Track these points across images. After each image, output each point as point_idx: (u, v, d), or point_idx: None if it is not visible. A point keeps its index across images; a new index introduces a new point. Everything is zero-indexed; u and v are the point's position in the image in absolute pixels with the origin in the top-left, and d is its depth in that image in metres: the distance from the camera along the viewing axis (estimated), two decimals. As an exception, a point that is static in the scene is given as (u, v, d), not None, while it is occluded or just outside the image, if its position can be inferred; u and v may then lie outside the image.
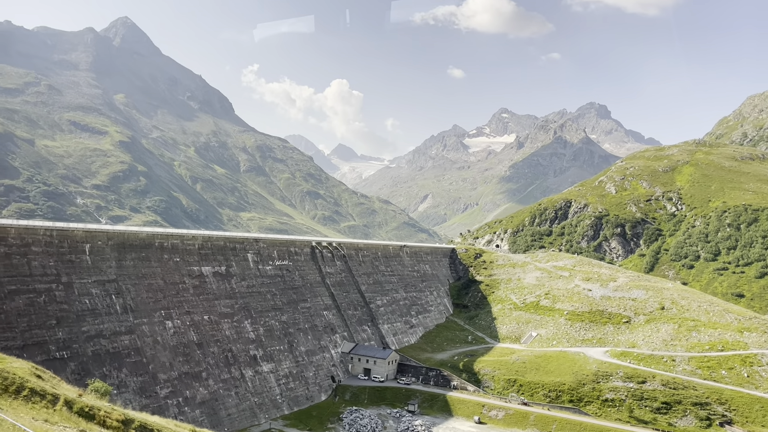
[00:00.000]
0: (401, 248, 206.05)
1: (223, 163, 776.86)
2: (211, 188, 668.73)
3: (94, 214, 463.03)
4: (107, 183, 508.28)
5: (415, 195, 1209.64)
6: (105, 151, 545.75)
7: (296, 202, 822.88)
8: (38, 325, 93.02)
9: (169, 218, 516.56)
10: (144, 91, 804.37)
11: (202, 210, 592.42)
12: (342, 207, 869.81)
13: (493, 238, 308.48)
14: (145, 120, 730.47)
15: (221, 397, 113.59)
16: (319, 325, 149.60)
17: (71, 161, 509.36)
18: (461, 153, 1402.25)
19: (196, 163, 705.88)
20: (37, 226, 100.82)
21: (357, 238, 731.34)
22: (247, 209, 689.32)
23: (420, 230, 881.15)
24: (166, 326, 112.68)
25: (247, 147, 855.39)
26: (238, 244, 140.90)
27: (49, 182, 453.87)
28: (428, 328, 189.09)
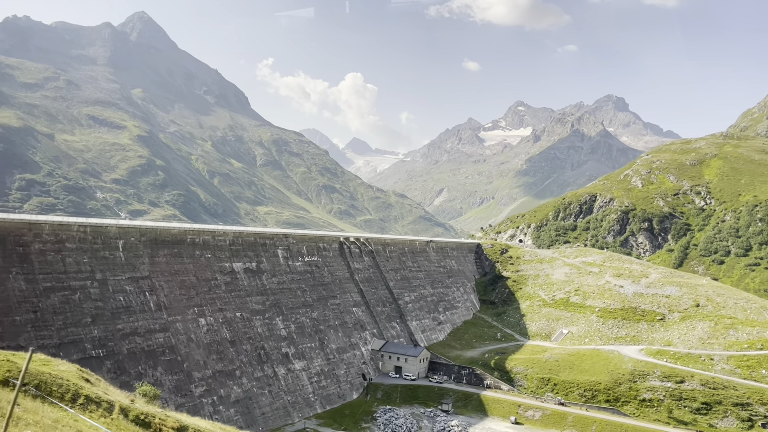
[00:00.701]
0: (427, 243, 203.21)
1: (240, 158, 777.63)
2: (229, 182, 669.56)
3: (113, 209, 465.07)
4: (126, 177, 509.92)
5: (430, 189, 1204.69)
6: (123, 146, 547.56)
7: (312, 196, 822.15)
8: (74, 323, 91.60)
9: (188, 212, 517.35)
10: (161, 86, 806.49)
11: (219, 204, 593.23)
12: (358, 201, 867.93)
13: (516, 233, 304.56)
14: (163, 114, 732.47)
15: (255, 396, 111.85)
16: (349, 321, 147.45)
17: (90, 155, 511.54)
18: (477, 146, 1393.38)
19: (213, 158, 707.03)
20: (71, 222, 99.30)
21: (373, 232, 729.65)
22: (264, 203, 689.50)
23: (436, 224, 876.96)
24: (199, 323, 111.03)
25: (263, 141, 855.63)
26: (268, 240, 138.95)
27: (69, 176, 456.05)
28: (456, 325, 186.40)
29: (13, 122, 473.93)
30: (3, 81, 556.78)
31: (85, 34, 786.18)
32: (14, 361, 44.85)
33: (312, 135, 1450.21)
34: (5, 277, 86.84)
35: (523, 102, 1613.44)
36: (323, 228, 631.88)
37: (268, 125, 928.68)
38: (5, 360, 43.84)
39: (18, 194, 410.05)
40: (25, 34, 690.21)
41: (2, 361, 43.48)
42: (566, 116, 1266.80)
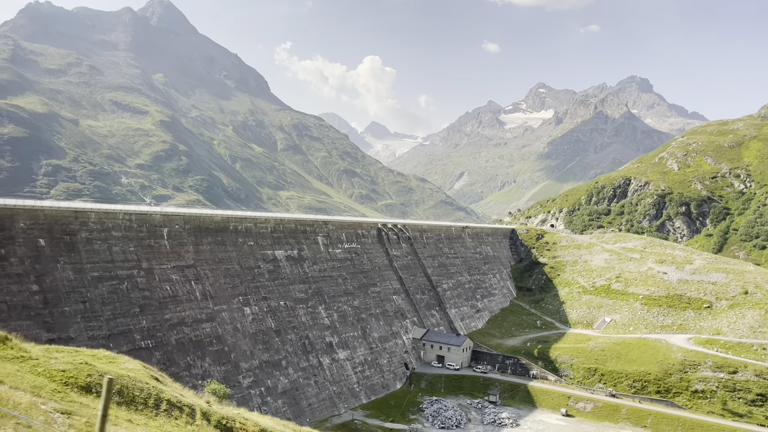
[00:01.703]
0: (463, 229, 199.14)
1: (261, 142, 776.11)
2: (250, 167, 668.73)
3: (138, 194, 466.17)
4: (150, 162, 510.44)
5: (450, 173, 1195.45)
6: (147, 131, 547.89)
7: (333, 180, 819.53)
8: (122, 313, 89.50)
9: (211, 197, 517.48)
10: (181, 71, 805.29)
11: (242, 189, 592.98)
12: (379, 185, 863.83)
13: (547, 218, 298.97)
14: (184, 99, 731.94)
15: (301, 387, 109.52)
16: (390, 310, 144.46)
17: (114, 141, 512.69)
18: (497, 129, 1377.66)
19: (235, 142, 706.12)
20: (117, 210, 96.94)
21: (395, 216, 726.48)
22: (285, 188, 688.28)
23: (457, 208, 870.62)
24: (244, 313, 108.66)
25: (284, 125, 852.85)
26: (308, 227, 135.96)
27: (94, 162, 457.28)
28: (494, 312, 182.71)
29: (38, 108, 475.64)
30: (27, 67, 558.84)
31: (107, 19, 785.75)
32: (93, 364, 41.58)
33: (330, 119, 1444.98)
34: (53, 267, 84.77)
35: (544, 84, 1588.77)
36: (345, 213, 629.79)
37: (288, 109, 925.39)
38: (84, 363, 40.59)
39: (45, 180, 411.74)
40: (47, 20, 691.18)
41: (81, 365, 40.17)
42: (589, 98, 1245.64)
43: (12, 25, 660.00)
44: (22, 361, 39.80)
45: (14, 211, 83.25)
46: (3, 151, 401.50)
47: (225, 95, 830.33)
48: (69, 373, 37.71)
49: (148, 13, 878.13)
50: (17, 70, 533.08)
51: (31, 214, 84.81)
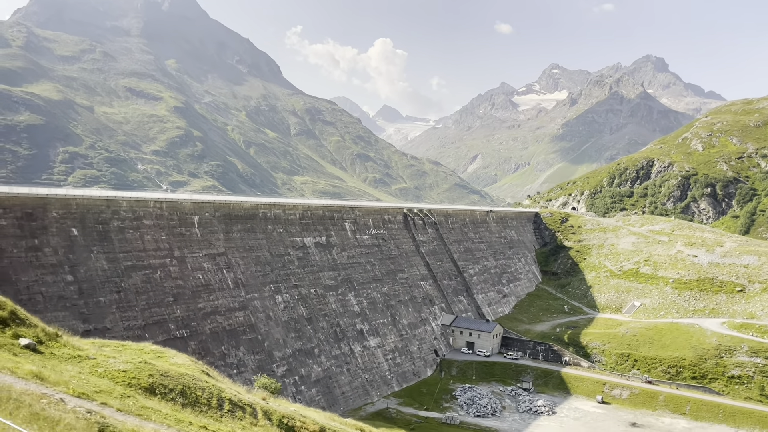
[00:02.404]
0: (488, 213, 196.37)
1: (274, 127, 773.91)
2: (264, 152, 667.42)
3: (155, 180, 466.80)
4: (165, 149, 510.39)
5: (463, 156, 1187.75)
6: (161, 117, 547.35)
7: (347, 164, 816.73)
8: (156, 302, 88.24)
9: (227, 183, 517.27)
10: (194, 56, 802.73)
11: (257, 174, 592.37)
12: (392, 169, 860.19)
13: (568, 200, 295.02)
14: (197, 85, 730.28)
15: (334, 375, 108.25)
16: (418, 296, 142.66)
17: (130, 127, 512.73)
18: (510, 111, 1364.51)
19: (248, 128, 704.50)
20: (148, 198, 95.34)
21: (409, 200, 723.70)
22: (299, 173, 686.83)
23: (471, 191, 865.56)
24: (276, 301, 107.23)
25: (297, 110, 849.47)
26: (335, 213, 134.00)
27: (110, 149, 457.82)
28: (520, 297, 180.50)
29: (53, 95, 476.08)
30: (41, 54, 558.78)
31: (118, 5, 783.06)
32: (152, 363, 39.63)
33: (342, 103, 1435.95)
34: (87, 257, 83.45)
35: (557, 65, 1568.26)
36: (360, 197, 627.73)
37: (300, 94, 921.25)
38: (143, 363, 38.72)
39: (62, 167, 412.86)
40: (60, 6, 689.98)
41: (141, 365, 38.22)
42: (604, 78, 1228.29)
43: (25, 12, 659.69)
44: (80, 360, 37.86)
45: (46, 200, 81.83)
46: (20, 139, 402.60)
47: (237, 80, 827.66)
48: (130, 373, 35.73)
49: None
50: (31, 57, 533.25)
51: (63, 203, 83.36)
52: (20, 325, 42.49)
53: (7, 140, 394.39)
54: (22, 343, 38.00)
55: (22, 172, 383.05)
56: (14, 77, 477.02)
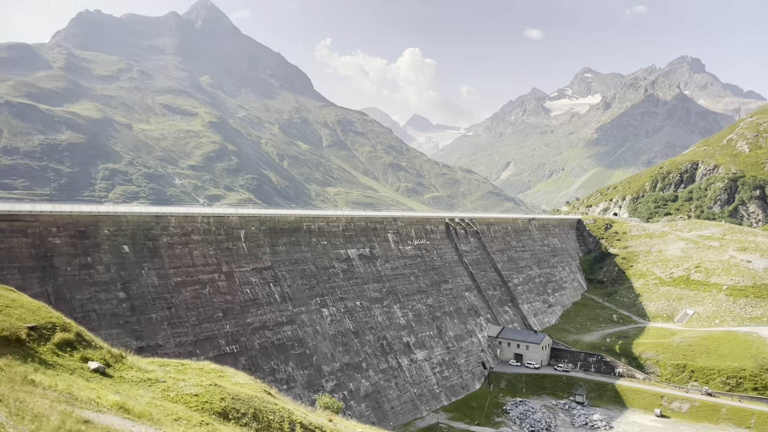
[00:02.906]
0: (530, 221, 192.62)
1: (306, 139, 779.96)
2: (298, 164, 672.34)
3: (192, 194, 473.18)
4: (201, 163, 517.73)
5: (496, 163, 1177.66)
6: (197, 132, 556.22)
7: (379, 174, 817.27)
8: (206, 318, 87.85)
9: (262, 195, 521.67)
10: (227, 72, 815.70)
11: (291, 186, 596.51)
12: (424, 178, 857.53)
13: (609, 206, 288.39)
14: (231, 100, 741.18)
15: (383, 389, 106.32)
16: (463, 307, 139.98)
17: (167, 143, 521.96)
18: (542, 117, 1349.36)
19: (281, 140, 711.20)
20: (195, 213, 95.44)
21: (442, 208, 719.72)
22: (332, 184, 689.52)
23: (505, 199, 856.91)
24: (322, 314, 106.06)
25: (328, 122, 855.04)
26: (378, 224, 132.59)
27: (148, 165, 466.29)
28: (566, 307, 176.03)
29: (94, 114, 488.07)
30: (81, 74, 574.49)
31: (153, 24, 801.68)
32: (221, 386, 38.34)
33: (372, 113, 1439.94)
34: (138, 273, 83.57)
35: (590, 68, 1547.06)
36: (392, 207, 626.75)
37: (331, 106, 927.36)
38: (213, 385, 37.44)
39: (103, 183, 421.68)
40: (98, 27, 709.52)
41: (211, 387, 36.94)
42: (638, 81, 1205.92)
43: (65, 34, 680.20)
44: (151, 384, 36.66)
45: (98, 218, 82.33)
46: (62, 157, 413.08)
47: (270, 94, 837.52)
48: (202, 397, 34.39)
49: (193, 17, 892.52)
50: (72, 77, 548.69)
51: (114, 221, 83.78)
52: (86, 347, 41.67)
53: (50, 159, 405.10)
54: (91, 366, 37.08)
55: (65, 190, 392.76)
56: (56, 98, 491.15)
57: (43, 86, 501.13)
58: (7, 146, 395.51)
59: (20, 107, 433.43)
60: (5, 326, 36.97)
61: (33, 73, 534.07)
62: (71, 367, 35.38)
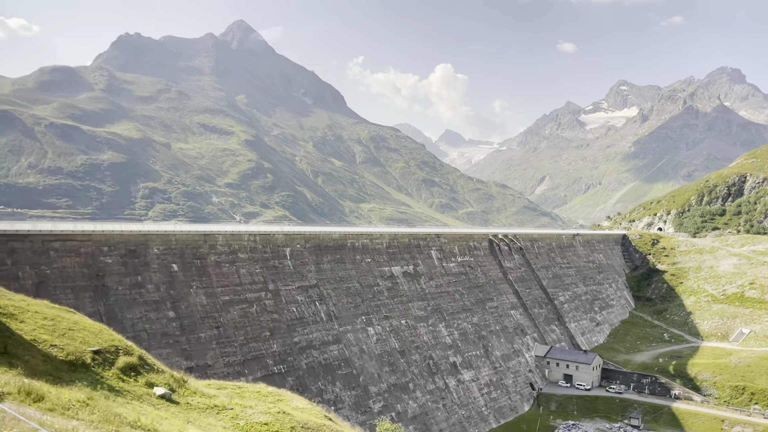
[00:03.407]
0: (574, 237, 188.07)
1: (340, 156, 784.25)
2: (332, 181, 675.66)
3: (229, 212, 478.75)
4: (238, 181, 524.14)
5: (530, 177, 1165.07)
6: (233, 151, 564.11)
7: (412, 190, 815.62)
8: (254, 337, 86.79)
9: (297, 212, 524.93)
10: (262, 91, 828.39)
11: (325, 203, 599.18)
12: (458, 193, 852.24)
13: (653, 221, 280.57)
14: (266, 118, 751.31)
15: (430, 411, 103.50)
16: (509, 326, 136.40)
17: (204, 162, 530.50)
18: (577, 131, 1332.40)
19: (315, 158, 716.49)
20: (242, 231, 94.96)
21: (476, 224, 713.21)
22: (366, 200, 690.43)
23: (541, 214, 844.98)
24: (368, 333, 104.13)
25: (361, 138, 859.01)
26: (421, 241, 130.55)
27: (186, 183, 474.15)
28: (614, 325, 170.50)
29: (134, 134, 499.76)
30: (121, 96, 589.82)
31: (190, 45, 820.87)
32: (289, 413, 36.85)
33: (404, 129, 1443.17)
34: (187, 292, 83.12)
35: (625, 81, 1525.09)
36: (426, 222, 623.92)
37: (364, 122, 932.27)
38: (281, 413, 35.98)
39: (143, 202, 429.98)
40: (137, 50, 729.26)
41: (280, 415, 35.52)
42: (676, 92, 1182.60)
43: (106, 57, 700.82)
44: (218, 411, 35.04)
45: (148, 236, 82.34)
46: (104, 177, 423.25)
47: (304, 112, 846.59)
48: (273, 426, 32.70)
49: (229, 38, 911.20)
50: (113, 99, 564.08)
51: (163, 239, 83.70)
52: (149, 371, 40.40)
53: (92, 178, 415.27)
54: (157, 392, 35.69)
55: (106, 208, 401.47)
56: (98, 119, 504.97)
57: (85, 108, 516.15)
58: (51, 166, 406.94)
59: (64, 128, 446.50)
60: (70, 350, 36.04)
61: (76, 95, 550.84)
62: (137, 394, 34.18)
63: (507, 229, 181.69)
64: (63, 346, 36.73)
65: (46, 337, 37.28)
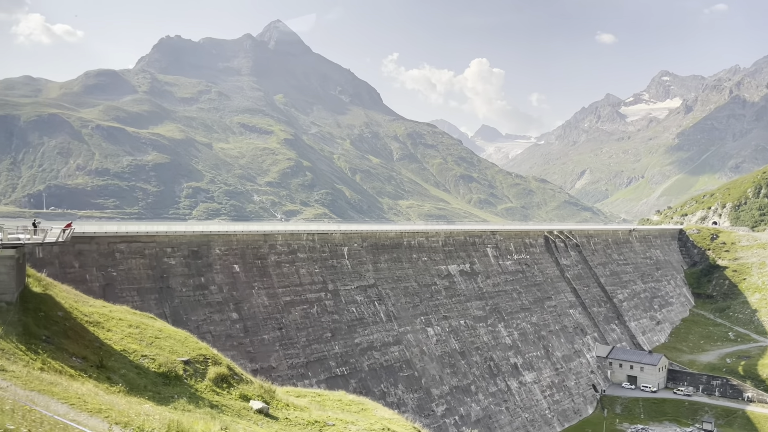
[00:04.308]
0: (630, 232, 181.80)
1: (377, 153, 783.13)
2: (369, 178, 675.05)
3: (270, 210, 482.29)
4: (278, 180, 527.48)
5: (570, 171, 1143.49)
6: (273, 150, 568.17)
7: (450, 186, 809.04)
8: (316, 339, 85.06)
9: (336, 210, 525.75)
10: (299, 90, 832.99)
11: (364, 200, 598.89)
12: (497, 189, 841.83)
13: (707, 214, 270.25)
14: (303, 117, 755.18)
15: (494, 414, 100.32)
16: (569, 325, 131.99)
17: (245, 161, 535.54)
18: (618, 123, 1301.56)
19: (353, 155, 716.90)
20: (300, 231, 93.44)
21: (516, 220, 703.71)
22: (404, 197, 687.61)
23: (583, 208, 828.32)
24: (428, 334, 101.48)
25: (398, 135, 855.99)
26: (477, 238, 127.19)
27: (228, 182, 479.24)
28: (674, 324, 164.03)
29: (176, 135, 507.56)
30: (164, 98, 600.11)
31: (229, 47, 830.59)
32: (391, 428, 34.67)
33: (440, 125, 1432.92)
34: (249, 293, 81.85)
35: (667, 71, 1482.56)
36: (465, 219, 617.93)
37: (401, 119, 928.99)
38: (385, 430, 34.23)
39: (187, 202, 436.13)
40: (178, 52, 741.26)
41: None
42: (721, 82, 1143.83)
43: (148, 60, 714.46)
44: (320, 428, 32.82)
45: (210, 237, 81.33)
46: (149, 177, 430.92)
47: (341, 110, 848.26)
48: (386, 446, 30.65)
49: (266, 38, 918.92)
50: (155, 101, 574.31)
51: (225, 240, 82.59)
52: (239, 382, 38.40)
53: (138, 179, 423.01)
54: (254, 407, 33.55)
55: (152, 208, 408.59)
56: (142, 120, 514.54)
57: (129, 110, 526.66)
58: (98, 168, 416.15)
59: (109, 130, 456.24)
60: (161, 361, 34.25)
61: (120, 97, 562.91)
62: (235, 408, 32.20)
63: (562, 225, 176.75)
64: (153, 357, 35.06)
65: (135, 347, 35.68)
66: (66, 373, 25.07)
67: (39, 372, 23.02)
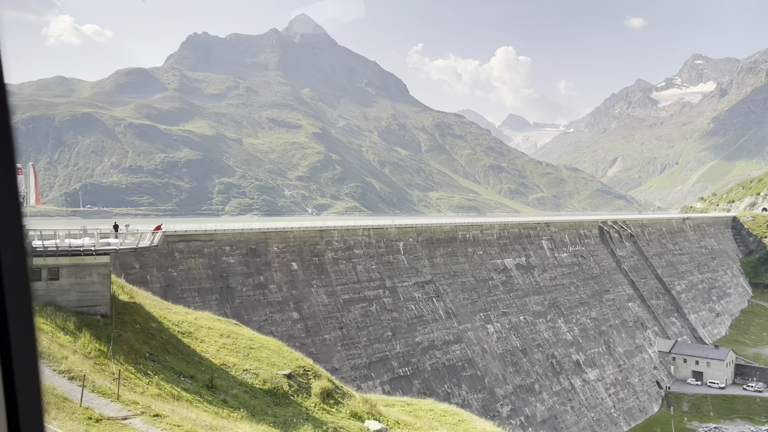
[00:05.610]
0: (684, 221, 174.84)
1: (405, 145, 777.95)
2: (398, 171, 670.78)
3: (301, 204, 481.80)
4: (308, 174, 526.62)
5: (601, 159, 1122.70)
6: (302, 144, 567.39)
7: (480, 177, 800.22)
8: (376, 338, 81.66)
9: (366, 203, 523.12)
10: (326, 83, 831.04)
11: (393, 193, 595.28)
12: (527, 178, 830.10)
13: (756, 201, 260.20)
14: (331, 111, 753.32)
15: (559, 414, 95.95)
16: (629, 319, 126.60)
17: (275, 156, 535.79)
18: (649, 109, 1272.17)
19: (381, 147, 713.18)
20: (356, 226, 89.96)
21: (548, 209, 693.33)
22: (434, 189, 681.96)
23: (616, 197, 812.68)
24: (488, 331, 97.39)
25: (426, 126, 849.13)
26: (531, 230, 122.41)
27: (259, 177, 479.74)
28: (734, 316, 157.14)
29: (207, 131, 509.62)
30: (193, 94, 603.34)
31: (255, 42, 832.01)
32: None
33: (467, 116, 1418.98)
34: (308, 292, 78.73)
35: (700, 55, 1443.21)
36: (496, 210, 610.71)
37: (428, 110, 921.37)
38: None
39: (219, 197, 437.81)
40: (206, 49, 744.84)
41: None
42: (757, 64, 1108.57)
43: (177, 58, 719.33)
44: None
45: (268, 234, 78.35)
46: (182, 174, 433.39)
47: (367, 103, 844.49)
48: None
49: (292, 33, 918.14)
50: (185, 98, 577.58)
51: (282, 237, 79.53)
52: (342, 396, 34.70)
53: (170, 176, 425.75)
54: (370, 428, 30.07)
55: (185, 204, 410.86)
56: (172, 117, 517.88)
57: (160, 107, 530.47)
58: (132, 165, 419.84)
59: (142, 128, 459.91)
60: (264, 376, 30.82)
61: (151, 95, 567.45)
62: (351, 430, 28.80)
63: (615, 215, 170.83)
64: (255, 371, 31.68)
65: (233, 360, 32.34)
66: (183, 398, 21.79)
67: (161, 402, 19.70)
